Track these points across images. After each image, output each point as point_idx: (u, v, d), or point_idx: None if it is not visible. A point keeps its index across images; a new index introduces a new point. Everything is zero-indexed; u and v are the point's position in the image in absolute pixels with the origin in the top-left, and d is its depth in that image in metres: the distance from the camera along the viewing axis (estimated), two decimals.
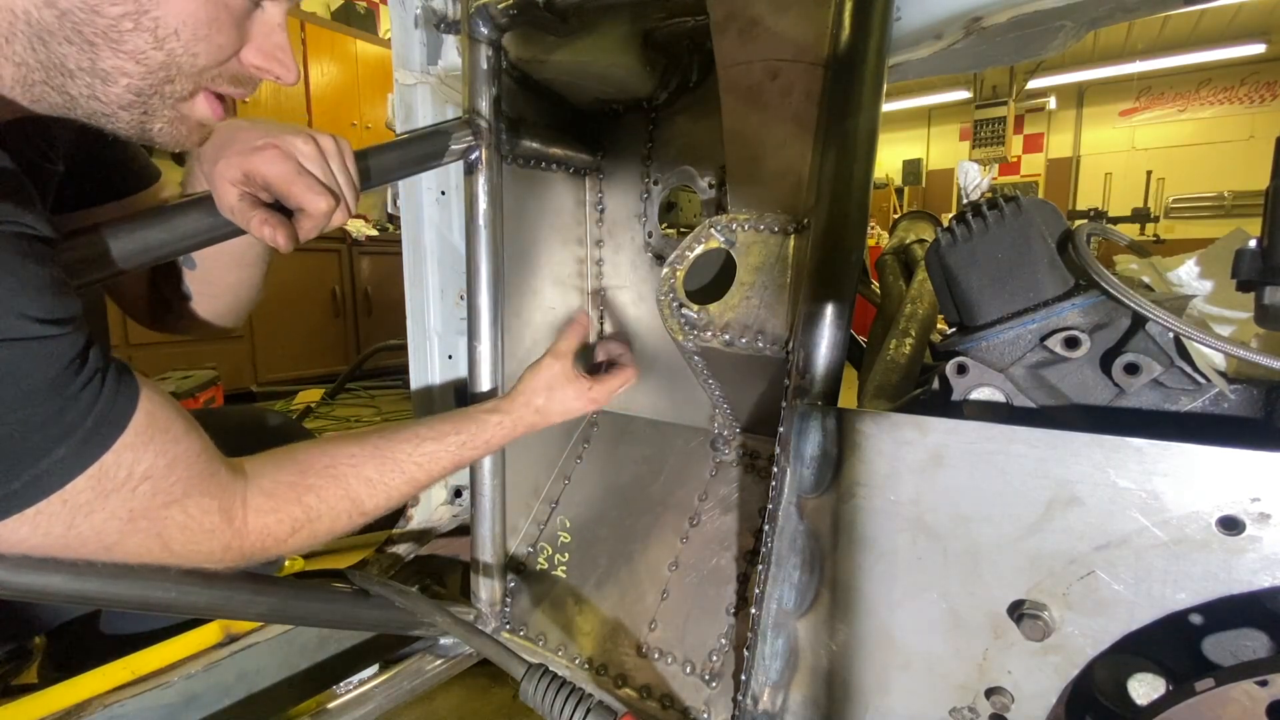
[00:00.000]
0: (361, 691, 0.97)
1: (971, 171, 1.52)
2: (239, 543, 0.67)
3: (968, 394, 0.66)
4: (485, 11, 0.93)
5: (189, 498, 0.61)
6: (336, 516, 0.74)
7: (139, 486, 0.57)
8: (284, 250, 0.73)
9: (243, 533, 0.67)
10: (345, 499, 0.75)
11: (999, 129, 8.52)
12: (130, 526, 0.58)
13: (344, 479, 0.75)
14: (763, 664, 0.70)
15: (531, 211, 1.13)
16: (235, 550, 0.67)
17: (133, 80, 0.56)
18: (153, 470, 0.58)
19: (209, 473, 0.63)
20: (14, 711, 0.79)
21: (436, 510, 1.37)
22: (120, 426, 0.55)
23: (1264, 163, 0.54)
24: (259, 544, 0.68)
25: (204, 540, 0.64)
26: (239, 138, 0.72)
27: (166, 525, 0.61)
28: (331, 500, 0.74)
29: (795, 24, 0.78)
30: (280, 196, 0.72)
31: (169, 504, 0.60)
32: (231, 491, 0.66)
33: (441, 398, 1.32)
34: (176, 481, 0.60)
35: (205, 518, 0.63)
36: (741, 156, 0.88)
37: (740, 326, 0.82)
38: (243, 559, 0.68)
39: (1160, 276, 0.69)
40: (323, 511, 0.73)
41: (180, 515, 0.61)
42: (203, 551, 0.64)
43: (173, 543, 0.62)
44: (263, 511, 0.68)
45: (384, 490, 0.78)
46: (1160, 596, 0.50)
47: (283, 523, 0.70)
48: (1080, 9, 0.75)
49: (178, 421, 0.61)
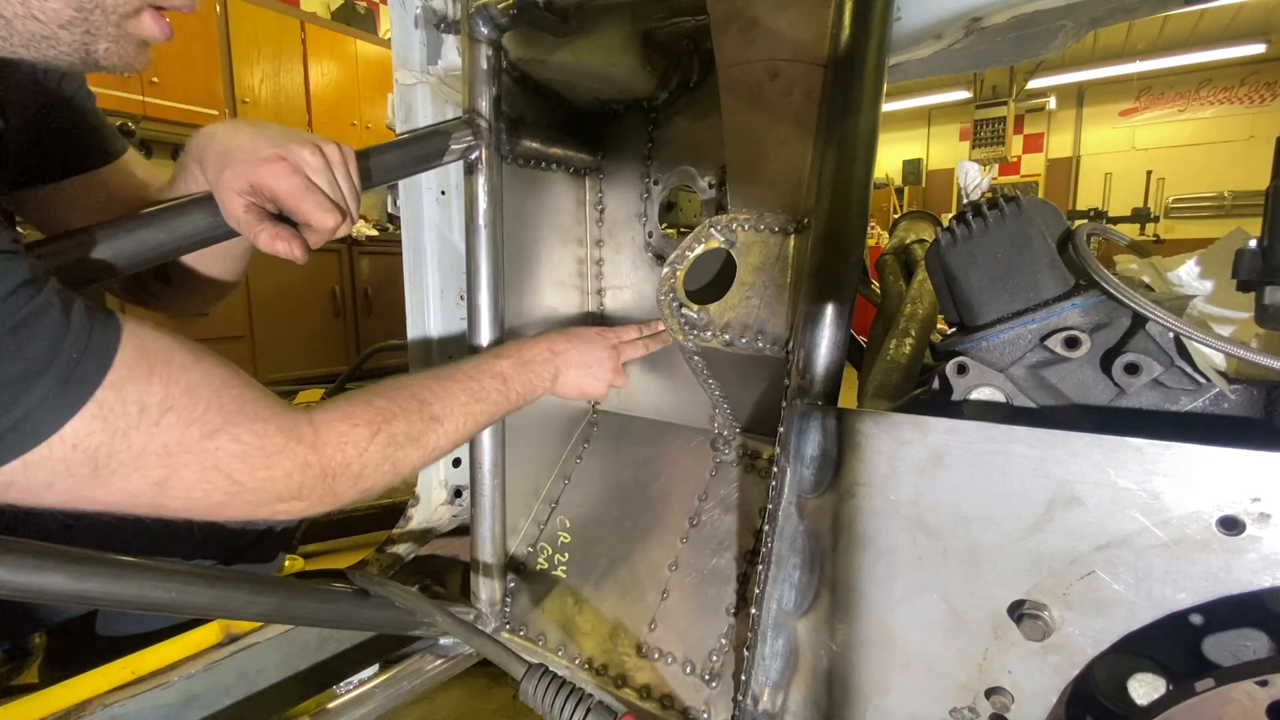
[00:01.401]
0: (361, 691, 0.97)
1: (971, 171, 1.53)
2: (316, 457, 0.63)
3: (968, 394, 0.66)
4: (485, 11, 0.93)
5: (232, 425, 0.58)
6: (409, 416, 0.73)
7: (161, 420, 0.54)
8: (299, 262, 0.73)
9: (317, 445, 0.63)
10: (413, 399, 0.74)
11: (999, 129, 8.53)
12: (172, 462, 0.55)
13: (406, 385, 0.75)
14: (763, 664, 0.70)
15: (531, 211, 1.13)
16: (315, 468, 0.63)
17: None
18: (171, 401, 0.55)
19: (249, 398, 0.60)
20: (14, 711, 0.78)
21: (436, 510, 1.37)
22: (105, 359, 0.52)
23: (1264, 163, 0.54)
24: (339, 455, 0.65)
25: (273, 463, 0.60)
26: (244, 145, 0.71)
27: (219, 456, 0.58)
28: (400, 400, 0.73)
29: (795, 24, 0.78)
30: (289, 212, 0.72)
31: (209, 435, 0.57)
32: (287, 413, 0.63)
33: None
34: (208, 409, 0.57)
35: (264, 440, 0.60)
36: (741, 156, 0.88)
37: (740, 326, 0.82)
38: (328, 480, 0.65)
39: (1160, 276, 0.69)
40: (395, 411, 0.71)
41: (231, 444, 0.58)
42: (278, 476, 0.61)
43: (236, 474, 0.59)
44: (333, 420, 0.65)
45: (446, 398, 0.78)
46: (1160, 596, 0.50)
47: (358, 426, 0.67)
48: (1080, 9, 0.75)
49: (182, 350, 0.58)
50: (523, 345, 0.94)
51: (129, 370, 0.53)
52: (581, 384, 0.98)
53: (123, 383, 0.53)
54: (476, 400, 0.83)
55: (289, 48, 4.77)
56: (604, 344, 1.00)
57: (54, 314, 0.51)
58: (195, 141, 0.76)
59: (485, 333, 1.00)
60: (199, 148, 0.76)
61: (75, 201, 0.82)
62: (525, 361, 0.92)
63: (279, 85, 4.72)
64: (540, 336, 0.98)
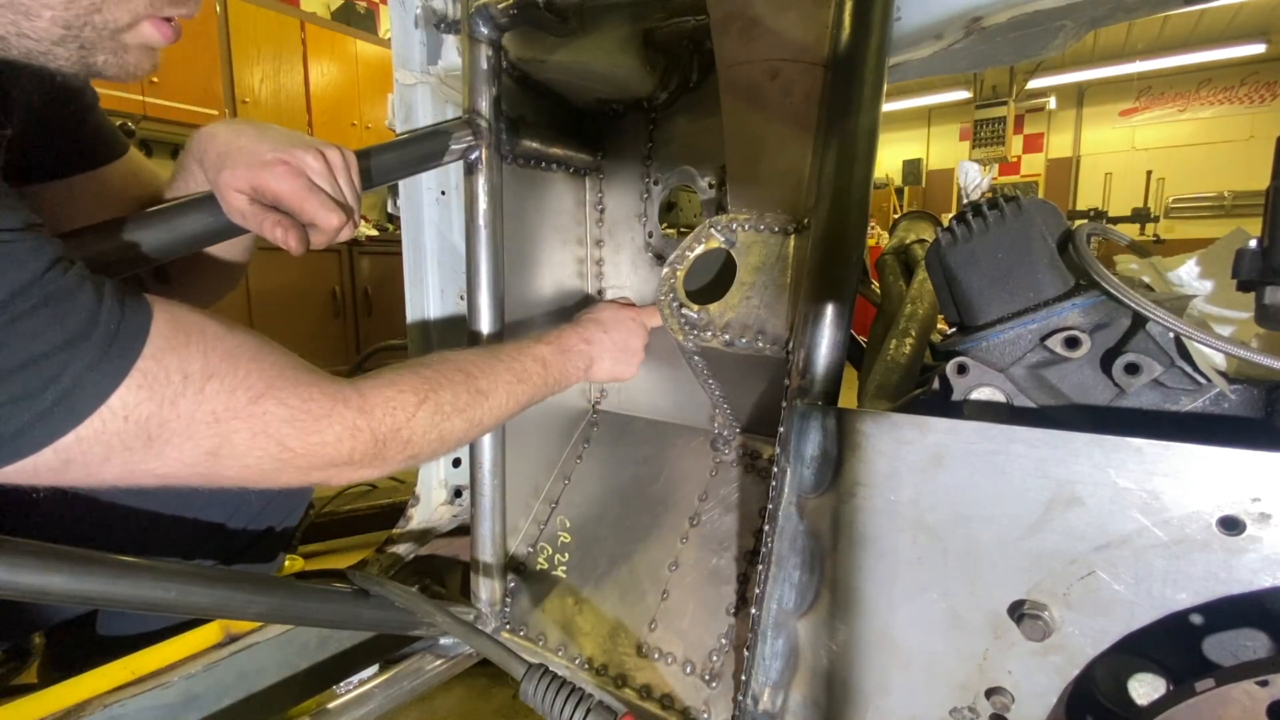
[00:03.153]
0: (361, 691, 0.97)
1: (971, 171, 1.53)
2: (366, 420, 0.64)
3: (968, 394, 0.66)
4: (485, 11, 0.93)
5: (277, 388, 0.59)
6: (455, 387, 0.73)
7: (205, 386, 0.55)
8: (295, 253, 0.73)
9: (365, 409, 0.64)
10: (459, 371, 0.74)
11: (999, 129, 8.54)
12: (222, 429, 0.56)
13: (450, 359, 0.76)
14: (763, 664, 0.70)
15: (531, 211, 1.13)
16: (365, 431, 0.64)
17: (56, 12, 0.53)
18: (211, 368, 0.56)
19: (288, 364, 0.61)
20: (14, 711, 0.78)
21: (436, 510, 1.37)
22: (142, 330, 0.53)
23: (1264, 163, 0.54)
24: (388, 419, 0.65)
25: (322, 426, 0.61)
26: (245, 147, 0.71)
27: (267, 421, 0.58)
28: (447, 372, 0.73)
29: (795, 24, 0.78)
30: (292, 212, 0.72)
31: (256, 398, 0.57)
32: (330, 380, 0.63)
33: None
34: (249, 374, 0.57)
35: (310, 404, 0.60)
36: (741, 156, 0.88)
37: (740, 326, 0.82)
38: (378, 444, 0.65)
39: (1160, 276, 0.69)
40: (441, 381, 0.72)
41: (278, 408, 0.58)
42: (329, 440, 0.61)
43: (286, 439, 0.59)
44: (379, 385, 0.66)
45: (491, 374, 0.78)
46: (1160, 596, 0.50)
47: (404, 392, 0.67)
48: (1080, 9, 0.75)
49: (214, 322, 0.59)
50: (562, 333, 0.96)
51: (166, 340, 0.54)
52: (615, 370, 1.00)
53: (162, 353, 0.53)
54: (519, 380, 0.83)
55: (289, 48, 4.77)
56: (637, 329, 1.03)
57: (88, 289, 0.51)
58: (196, 141, 0.76)
59: (485, 333, 1.00)
60: (200, 147, 0.76)
61: (77, 200, 0.82)
62: (564, 350, 0.93)
63: (279, 85, 4.72)
64: (577, 326, 1.00)
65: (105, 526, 0.87)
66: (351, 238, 0.82)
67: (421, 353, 1.32)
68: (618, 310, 1.04)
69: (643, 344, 1.04)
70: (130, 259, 0.70)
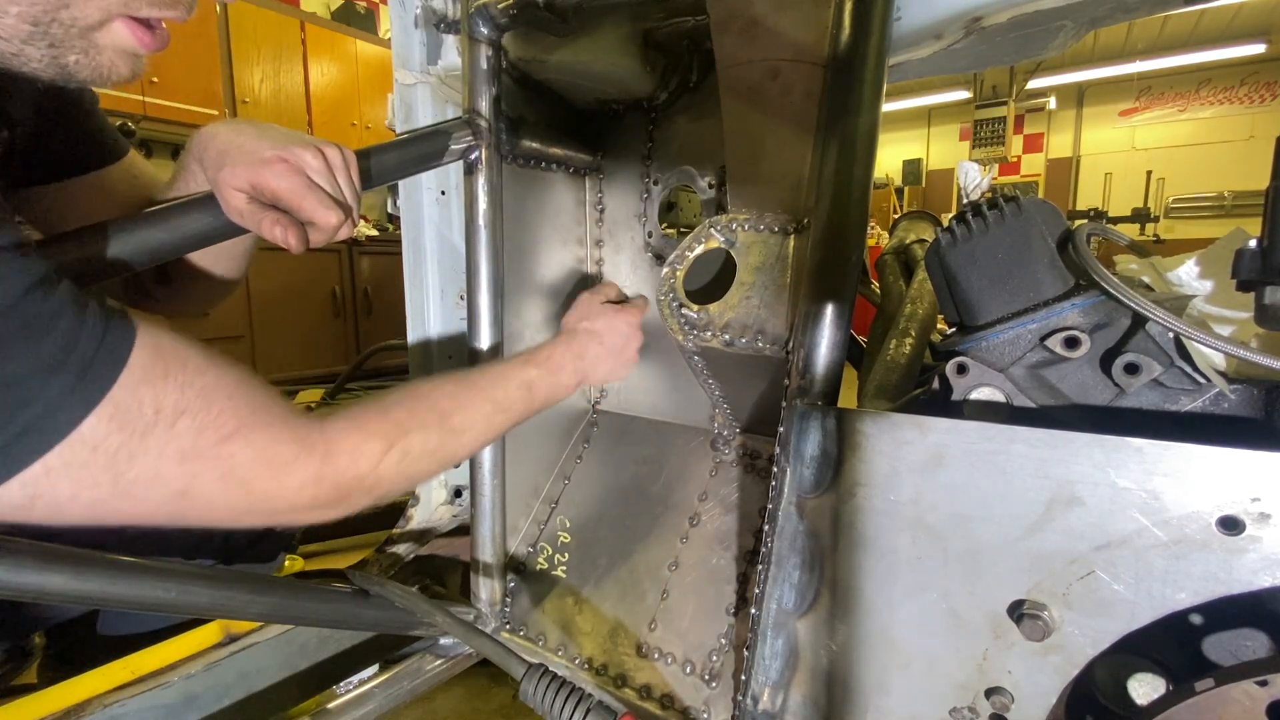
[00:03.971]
0: (361, 691, 0.97)
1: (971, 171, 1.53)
2: (330, 469, 0.62)
3: (968, 394, 0.66)
4: (485, 11, 0.93)
5: (246, 430, 0.57)
6: (426, 429, 0.71)
7: (177, 423, 0.54)
8: (295, 251, 0.72)
9: (330, 457, 0.62)
10: (432, 411, 0.72)
11: (999, 129, 8.54)
12: (190, 468, 0.55)
13: (425, 395, 0.73)
14: (763, 664, 0.70)
15: (531, 211, 1.13)
16: (329, 480, 0.62)
17: (22, 8, 0.52)
18: (185, 404, 0.54)
19: (263, 403, 0.60)
20: (14, 711, 0.78)
21: (436, 510, 1.37)
22: (120, 359, 0.52)
23: (1264, 163, 0.54)
24: (352, 468, 0.64)
25: (286, 473, 0.60)
26: (244, 146, 0.71)
27: (234, 463, 0.57)
28: (420, 413, 0.71)
29: (795, 24, 0.78)
30: (291, 210, 0.72)
31: (224, 439, 0.56)
32: (301, 422, 0.62)
33: None
34: (221, 413, 0.56)
35: (276, 448, 0.59)
36: (741, 156, 0.88)
37: (740, 326, 0.82)
38: (339, 490, 0.64)
39: (1160, 276, 0.69)
40: (411, 426, 0.69)
41: (245, 450, 0.57)
42: (291, 487, 0.61)
43: (254, 481, 0.58)
44: (346, 431, 0.64)
45: (468, 408, 0.76)
46: (1160, 596, 0.50)
47: (371, 439, 0.66)
48: (1080, 9, 0.75)
49: (197, 354, 0.57)
50: (554, 351, 0.93)
51: (144, 371, 0.53)
52: (611, 375, 1.00)
53: (138, 384, 0.52)
54: (500, 410, 0.81)
55: (289, 48, 4.76)
56: (631, 332, 1.02)
57: (69, 312, 0.50)
58: (196, 140, 0.76)
59: (485, 332, 1.00)
60: (200, 146, 0.76)
61: (77, 202, 0.82)
62: (555, 369, 0.91)
63: (279, 85, 4.72)
64: (571, 340, 0.97)
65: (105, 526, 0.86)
66: (351, 237, 0.82)
67: (421, 353, 1.32)
68: (610, 316, 1.01)
69: (638, 345, 1.03)
70: (130, 259, 0.70)
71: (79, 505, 0.52)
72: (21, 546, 0.55)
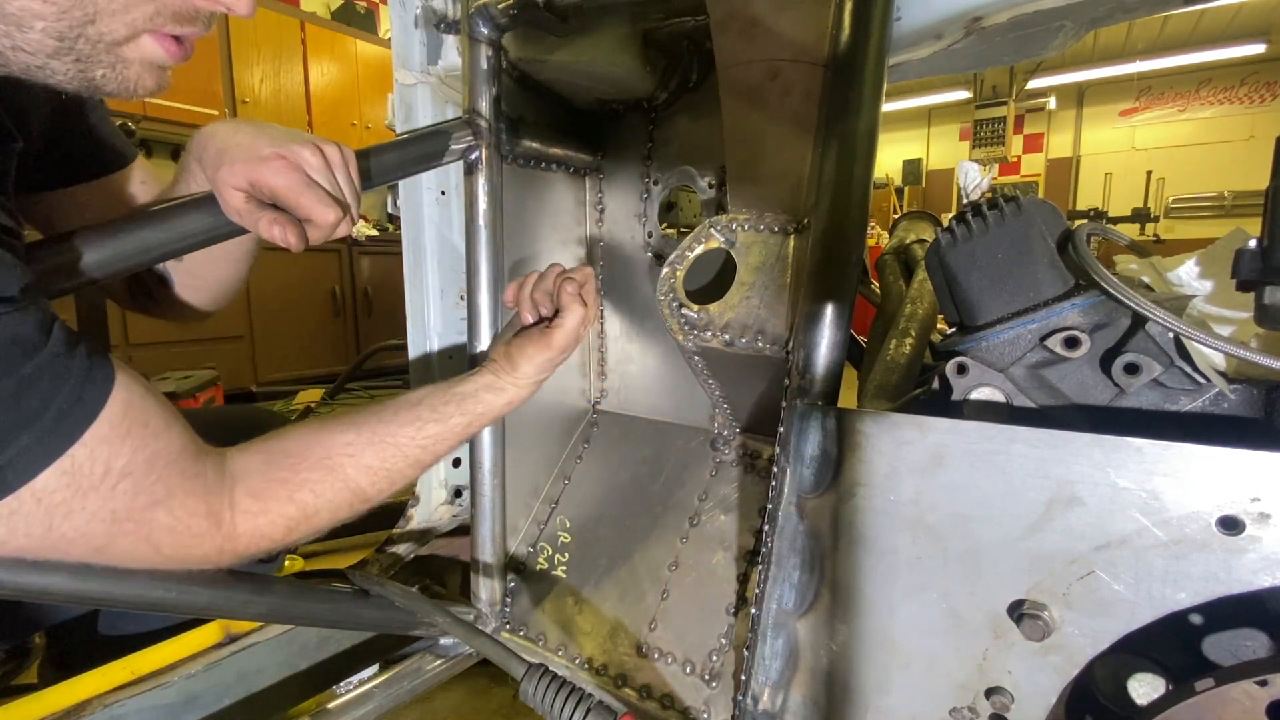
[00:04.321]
0: (361, 691, 0.97)
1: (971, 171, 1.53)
2: (231, 545, 0.65)
3: (968, 394, 0.66)
4: (485, 11, 0.93)
5: (172, 498, 0.59)
6: (336, 509, 0.72)
7: (118, 484, 0.55)
8: (294, 250, 0.72)
9: (232, 536, 0.65)
10: (345, 490, 0.72)
11: (999, 129, 8.54)
12: (116, 529, 0.56)
13: (341, 470, 0.72)
14: (763, 664, 0.70)
15: (531, 211, 1.13)
16: (229, 553, 0.65)
17: (48, 24, 0.52)
18: (131, 467, 0.56)
19: (193, 472, 0.61)
20: (14, 711, 0.78)
21: (436, 510, 1.37)
22: (90, 416, 0.53)
23: (1264, 163, 0.54)
24: (251, 545, 0.66)
25: (193, 545, 0.62)
26: (243, 144, 0.71)
27: (153, 528, 0.59)
28: (329, 494, 0.71)
29: (795, 24, 0.78)
30: (289, 207, 0.72)
31: (152, 505, 0.58)
32: (217, 493, 0.63)
33: None
34: (157, 480, 0.58)
35: (192, 520, 0.61)
36: (741, 156, 0.88)
37: (740, 326, 0.82)
38: (237, 560, 0.67)
39: (1160, 276, 0.69)
40: (320, 506, 0.70)
41: (166, 517, 0.59)
42: (195, 556, 0.63)
43: (163, 546, 0.60)
44: (252, 514, 0.66)
45: (386, 476, 0.76)
46: (1160, 596, 0.50)
47: (275, 524, 0.67)
48: (1080, 9, 0.75)
49: (157, 415, 0.59)
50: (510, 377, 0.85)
51: (110, 430, 0.54)
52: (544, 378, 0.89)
53: (99, 442, 0.54)
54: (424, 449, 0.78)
55: (289, 48, 4.76)
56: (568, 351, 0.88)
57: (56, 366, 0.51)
58: (196, 140, 0.76)
59: (485, 332, 1.00)
60: (199, 146, 0.76)
61: (84, 207, 0.82)
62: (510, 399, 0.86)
63: (279, 85, 4.72)
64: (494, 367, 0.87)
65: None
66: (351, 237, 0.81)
67: (421, 352, 1.32)
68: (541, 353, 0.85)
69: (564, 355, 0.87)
70: (129, 259, 0.70)
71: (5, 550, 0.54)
72: None
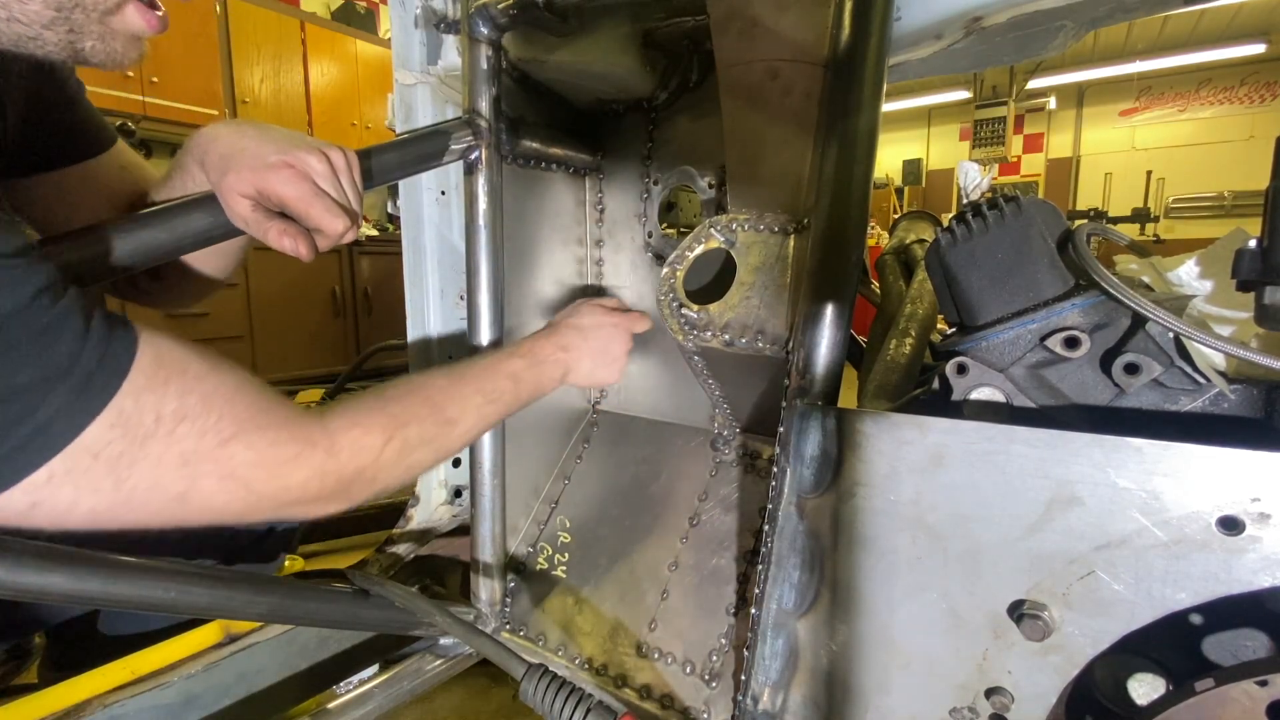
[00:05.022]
0: (361, 691, 0.97)
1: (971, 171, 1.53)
2: (334, 464, 0.63)
3: (968, 394, 0.66)
4: (485, 11, 0.93)
5: (246, 432, 0.58)
6: (423, 421, 0.73)
7: (177, 428, 0.54)
8: (304, 259, 0.73)
9: (333, 451, 0.63)
10: (426, 404, 0.74)
11: (999, 129, 8.54)
12: (190, 471, 0.55)
13: (419, 388, 0.75)
14: (763, 664, 0.70)
15: (531, 211, 1.13)
16: (333, 474, 0.64)
17: None
18: (186, 410, 0.55)
19: (262, 406, 0.60)
20: (14, 711, 0.78)
21: (436, 510, 1.37)
22: (122, 367, 0.52)
23: (1264, 163, 0.54)
24: (354, 462, 0.65)
25: (290, 470, 0.61)
26: (248, 149, 0.71)
27: (235, 465, 0.58)
28: (414, 406, 0.73)
29: (795, 24, 0.78)
30: (299, 217, 0.72)
31: (224, 442, 0.57)
32: (301, 420, 0.63)
33: None
34: (220, 418, 0.57)
35: (278, 448, 0.60)
36: (741, 156, 0.88)
37: (740, 326, 0.82)
38: (343, 484, 0.65)
39: (1160, 276, 0.69)
40: (408, 418, 0.71)
41: (245, 451, 0.58)
42: (294, 484, 0.62)
43: (254, 482, 0.59)
44: (347, 426, 0.65)
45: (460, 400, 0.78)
46: (1160, 596, 0.50)
47: (371, 431, 0.67)
48: (1080, 9, 0.75)
49: (196, 361, 0.58)
50: (536, 343, 0.93)
51: (146, 379, 0.53)
52: (595, 376, 0.98)
53: (140, 391, 0.53)
54: (489, 401, 0.82)
55: (289, 48, 4.76)
56: (618, 334, 1.00)
57: (75, 320, 0.51)
58: (196, 141, 0.76)
59: (485, 333, 1.00)
60: (200, 148, 0.75)
61: (66, 192, 0.82)
62: (537, 361, 0.91)
63: (279, 85, 4.72)
64: (553, 332, 0.97)
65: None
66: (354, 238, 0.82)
67: (421, 353, 1.32)
68: (599, 315, 1.00)
69: (625, 349, 1.00)
70: (130, 259, 0.70)
71: (79, 511, 0.52)
72: (21, 546, 0.55)
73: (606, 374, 0.99)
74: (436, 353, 1.32)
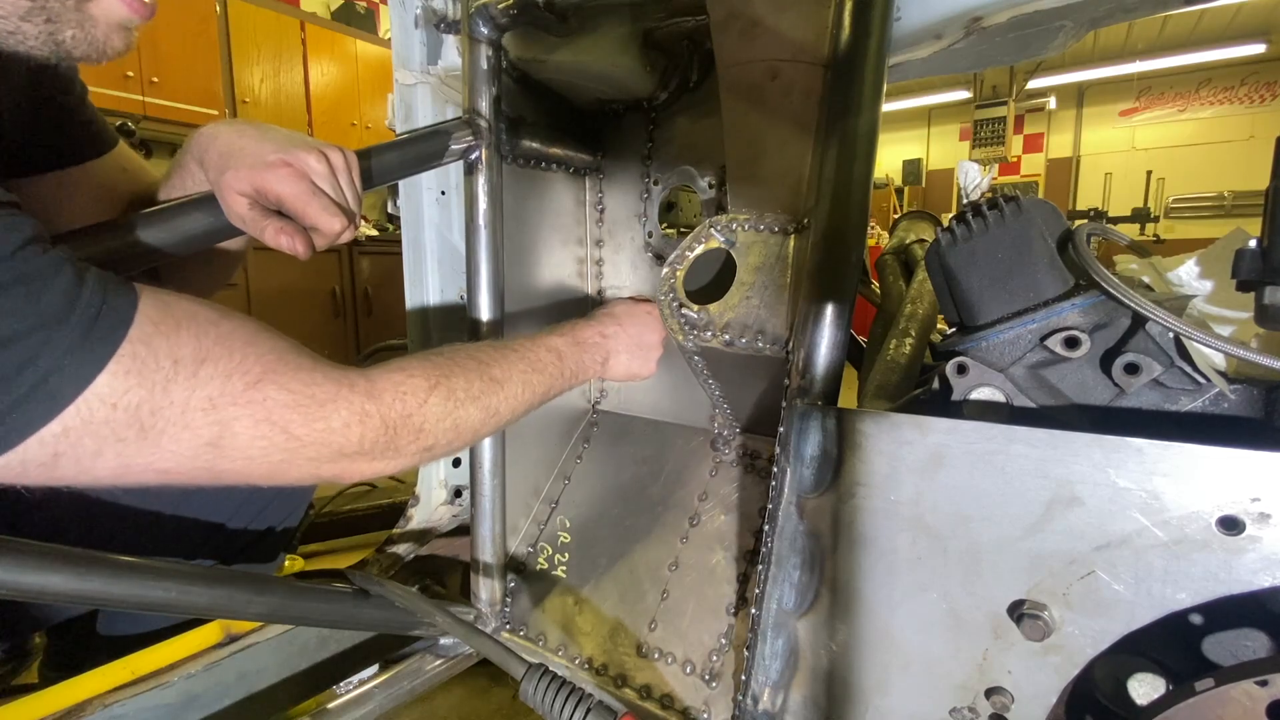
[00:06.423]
0: (361, 691, 0.97)
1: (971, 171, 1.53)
2: (375, 405, 0.60)
3: (968, 394, 0.66)
4: (485, 11, 0.93)
5: (276, 373, 0.55)
6: (468, 374, 0.71)
7: (199, 370, 0.52)
8: (301, 258, 0.73)
9: (373, 394, 0.61)
10: (469, 358, 0.72)
11: (999, 129, 8.54)
12: (220, 415, 0.53)
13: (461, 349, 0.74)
14: (763, 664, 0.70)
15: (531, 211, 1.13)
16: (375, 417, 0.60)
17: None
18: (203, 352, 0.53)
19: (288, 348, 0.58)
20: (14, 711, 0.78)
21: (436, 510, 1.37)
22: (125, 316, 0.50)
23: (1264, 163, 0.54)
24: (398, 404, 0.62)
25: (329, 412, 0.58)
26: (247, 148, 0.71)
27: (269, 407, 0.55)
28: (459, 359, 0.71)
29: (795, 24, 0.78)
30: (296, 216, 0.72)
31: (252, 384, 0.54)
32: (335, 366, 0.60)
33: None
34: (245, 358, 0.54)
35: (313, 389, 0.57)
36: (741, 156, 0.88)
37: (740, 326, 0.82)
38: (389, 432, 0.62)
39: (1160, 276, 0.69)
40: (453, 369, 0.69)
41: (279, 393, 0.55)
42: (336, 427, 0.58)
43: (291, 425, 0.56)
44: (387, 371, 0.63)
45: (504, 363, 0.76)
46: (1160, 596, 0.50)
47: (414, 377, 0.65)
48: (1080, 9, 0.75)
49: (204, 309, 0.56)
50: (576, 326, 0.94)
51: (154, 326, 0.51)
52: (631, 367, 0.98)
53: (150, 337, 0.51)
54: (534, 369, 0.80)
55: (289, 48, 4.77)
56: (653, 323, 1.01)
57: (67, 270, 0.49)
58: (196, 140, 0.76)
59: (485, 333, 1.00)
60: (200, 147, 0.75)
61: (67, 193, 0.82)
62: (579, 342, 0.91)
63: (279, 85, 4.72)
64: (591, 320, 0.98)
65: (105, 527, 0.87)
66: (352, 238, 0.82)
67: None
68: (633, 305, 1.02)
69: (660, 338, 1.01)
70: (130, 259, 0.70)
71: (106, 462, 0.51)
72: (22, 546, 0.55)
73: (643, 366, 0.99)
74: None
